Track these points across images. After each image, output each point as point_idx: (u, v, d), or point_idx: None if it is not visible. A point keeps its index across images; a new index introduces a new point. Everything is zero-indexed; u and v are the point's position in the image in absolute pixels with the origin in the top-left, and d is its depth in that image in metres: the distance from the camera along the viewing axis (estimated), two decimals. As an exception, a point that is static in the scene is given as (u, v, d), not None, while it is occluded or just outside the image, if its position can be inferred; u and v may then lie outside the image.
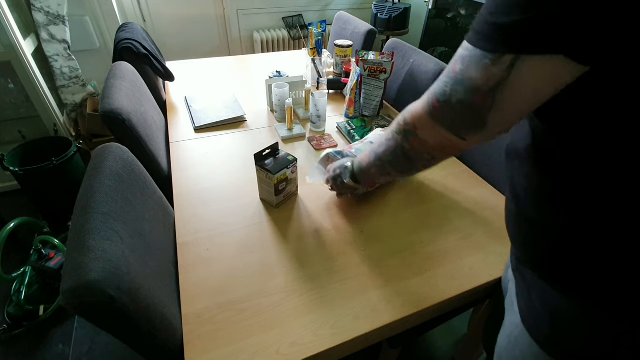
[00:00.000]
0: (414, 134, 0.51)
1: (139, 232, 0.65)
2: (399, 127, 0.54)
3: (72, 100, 1.99)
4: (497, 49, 0.36)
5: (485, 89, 0.39)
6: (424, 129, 0.49)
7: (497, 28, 0.36)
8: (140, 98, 1.18)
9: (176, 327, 0.63)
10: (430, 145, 0.50)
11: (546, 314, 0.49)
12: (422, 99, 0.49)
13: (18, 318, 1.30)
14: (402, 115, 0.54)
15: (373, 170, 0.65)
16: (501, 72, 0.37)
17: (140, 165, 0.80)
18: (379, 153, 0.61)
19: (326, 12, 2.77)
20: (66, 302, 0.46)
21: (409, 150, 0.53)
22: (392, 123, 0.57)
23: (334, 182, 0.83)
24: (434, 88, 0.46)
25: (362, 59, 1.24)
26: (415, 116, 0.49)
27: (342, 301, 0.69)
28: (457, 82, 0.41)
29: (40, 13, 1.75)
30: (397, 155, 0.56)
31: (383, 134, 0.61)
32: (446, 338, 1.33)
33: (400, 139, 0.54)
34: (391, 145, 0.57)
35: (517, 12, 0.33)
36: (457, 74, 0.41)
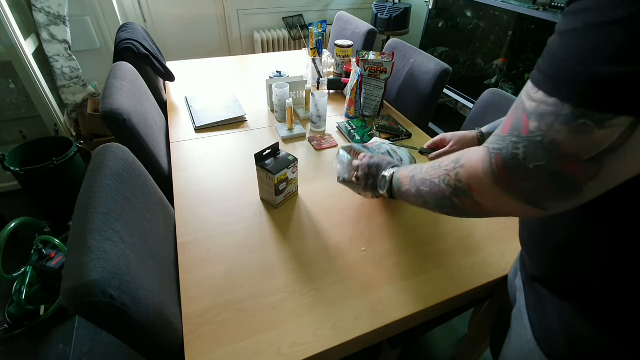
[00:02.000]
0: (469, 196, 0.42)
1: (140, 232, 0.65)
2: (448, 179, 0.45)
3: (72, 100, 2.00)
4: (607, 108, 0.28)
5: (584, 158, 0.30)
6: (484, 194, 0.40)
7: (604, 81, 0.27)
8: (141, 98, 1.19)
9: (176, 327, 0.63)
10: (490, 210, 0.41)
11: (565, 333, 0.47)
12: (478, 153, 0.40)
13: (19, 318, 1.30)
14: (452, 161, 0.45)
15: (412, 199, 0.57)
16: (612, 138, 0.28)
17: (140, 165, 0.80)
18: (422, 191, 0.52)
19: (326, 12, 2.77)
20: (67, 302, 0.46)
21: (459, 206, 0.45)
22: (439, 164, 0.48)
23: (365, 181, 0.74)
24: (496, 146, 0.37)
25: (363, 59, 1.24)
26: (472, 177, 0.40)
27: (342, 301, 0.69)
28: (535, 146, 0.32)
29: (41, 13, 1.75)
30: (444, 205, 0.47)
31: (425, 167, 0.53)
32: (446, 338, 1.33)
33: (449, 192, 0.45)
34: (436, 192, 0.48)
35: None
36: (533, 136, 0.32)
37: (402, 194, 0.60)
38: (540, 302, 0.51)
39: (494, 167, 0.37)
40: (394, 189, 0.63)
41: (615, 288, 0.41)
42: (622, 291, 0.40)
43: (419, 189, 0.53)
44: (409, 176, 0.58)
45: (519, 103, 0.35)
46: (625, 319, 0.41)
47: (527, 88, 0.35)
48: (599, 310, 0.43)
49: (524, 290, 0.57)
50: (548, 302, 0.49)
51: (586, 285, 0.44)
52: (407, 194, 0.58)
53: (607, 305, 0.42)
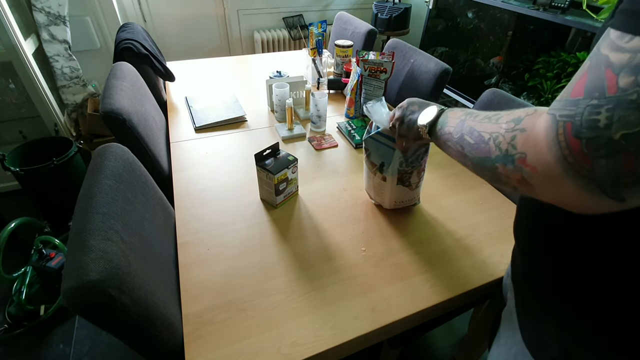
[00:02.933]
0: (518, 169, 0.34)
1: (140, 232, 0.65)
2: (501, 140, 0.37)
3: (72, 100, 2.00)
4: None
5: None
6: (539, 173, 0.32)
7: None
8: (141, 98, 1.19)
9: (176, 327, 0.63)
10: (539, 194, 0.34)
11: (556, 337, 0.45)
12: (542, 119, 0.32)
13: (19, 318, 1.30)
14: (513, 119, 0.37)
15: (450, 146, 0.50)
16: None
17: (140, 165, 0.81)
18: (465, 141, 0.45)
19: (326, 12, 2.77)
20: (67, 301, 0.46)
21: (501, 176, 0.38)
22: (498, 116, 0.41)
23: (402, 119, 0.66)
24: (564, 112, 0.29)
25: (363, 59, 1.24)
26: (531, 147, 0.33)
27: (342, 301, 0.69)
28: (626, 106, 0.26)
29: (41, 13, 1.75)
30: (485, 167, 0.41)
31: (481, 116, 0.45)
32: (446, 338, 1.33)
33: (495, 155, 0.38)
34: (482, 149, 0.41)
35: None
36: (626, 94, 0.26)
37: (442, 135, 0.52)
38: (530, 302, 0.50)
39: (562, 138, 0.29)
40: (437, 126, 0.55)
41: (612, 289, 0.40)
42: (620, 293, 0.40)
43: (463, 137, 0.45)
44: (459, 118, 0.49)
45: (597, 60, 0.28)
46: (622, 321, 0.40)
47: (610, 39, 0.28)
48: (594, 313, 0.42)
49: (513, 289, 0.56)
50: (538, 302, 0.48)
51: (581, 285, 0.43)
52: (447, 137, 0.50)
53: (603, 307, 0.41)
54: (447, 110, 0.56)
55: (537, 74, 1.87)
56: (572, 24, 1.52)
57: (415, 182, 0.83)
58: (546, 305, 0.47)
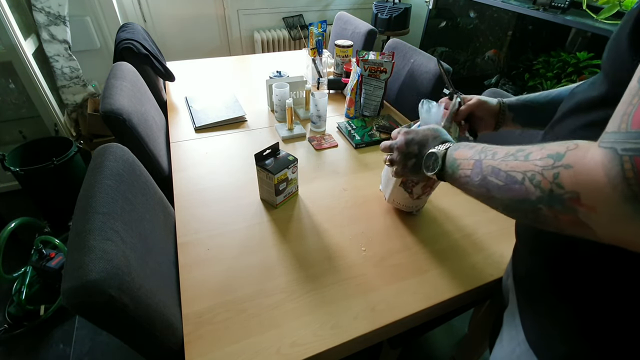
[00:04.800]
0: (571, 210, 0.31)
1: (140, 232, 0.65)
2: (540, 179, 0.33)
3: (72, 100, 2.00)
4: None
5: None
6: (600, 214, 0.29)
7: None
8: (141, 98, 1.19)
9: (176, 327, 0.63)
10: (600, 236, 0.30)
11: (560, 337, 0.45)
12: (595, 153, 0.29)
13: (19, 318, 1.30)
14: (548, 155, 0.34)
15: (472, 189, 0.45)
16: None
17: (140, 165, 0.81)
18: (491, 183, 0.41)
19: (326, 12, 2.77)
20: (67, 302, 0.46)
21: (548, 219, 0.34)
22: (524, 153, 0.37)
23: (403, 163, 0.61)
24: (629, 145, 0.27)
25: (363, 59, 1.24)
26: (586, 186, 0.29)
27: (342, 301, 0.69)
28: None
29: (41, 13, 1.75)
30: (524, 209, 0.36)
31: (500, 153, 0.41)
32: (446, 338, 1.33)
33: (536, 196, 0.34)
34: (516, 190, 0.36)
35: None
36: None
37: (458, 179, 0.48)
38: (533, 301, 0.50)
39: (631, 175, 0.26)
40: (446, 171, 0.50)
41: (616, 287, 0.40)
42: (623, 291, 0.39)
43: (486, 179, 0.41)
44: (471, 159, 0.45)
45: None
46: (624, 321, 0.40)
47: None
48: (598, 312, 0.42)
49: (515, 290, 0.56)
50: (541, 301, 0.48)
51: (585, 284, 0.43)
52: (464, 180, 0.46)
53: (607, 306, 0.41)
54: (450, 148, 0.51)
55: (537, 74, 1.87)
56: (572, 24, 1.52)
57: (417, 193, 0.82)
58: (549, 305, 0.47)
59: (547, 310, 0.47)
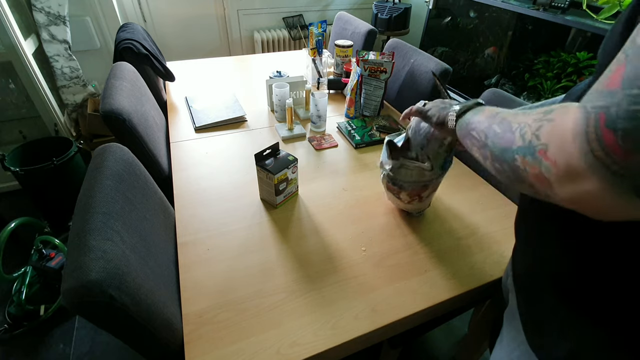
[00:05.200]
0: (537, 162, 0.32)
1: (140, 232, 0.65)
2: (526, 130, 0.35)
3: (72, 100, 2.00)
4: None
5: None
6: (560, 168, 0.30)
7: None
8: (141, 98, 1.19)
9: (176, 327, 0.63)
10: (558, 195, 0.31)
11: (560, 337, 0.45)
12: (572, 110, 0.30)
13: (19, 318, 1.30)
14: (544, 110, 0.34)
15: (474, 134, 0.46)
16: None
17: (140, 165, 0.81)
18: (492, 130, 0.41)
19: (326, 12, 2.77)
20: (67, 301, 0.46)
21: (519, 170, 0.35)
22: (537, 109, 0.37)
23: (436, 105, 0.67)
24: (598, 103, 0.27)
25: (363, 59, 1.24)
26: (555, 137, 0.30)
27: (342, 301, 0.69)
28: None
29: (41, 13, 1.75)
30: (504, 159, 0.38)
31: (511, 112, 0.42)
32: (446, 338, 1.33)
33: (517, 145, 0.35)
34: (505, 138, 0.38)
35: None
36: None
37: (470, 123, 0.49)
38: (532, 302, 0.49)
39: (592, 129, 0.27)
40: (468, 114, 0.52)
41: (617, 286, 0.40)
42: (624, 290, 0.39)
43: (491, 126, 0.42)
44: (496, 110, 0.46)
45: (637, 50, 0.26)
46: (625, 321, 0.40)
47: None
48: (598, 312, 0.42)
49: (514, 290, 0.56)
50: (541, 302, 0.48)
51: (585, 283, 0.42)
52: (474, 125, 0.47)
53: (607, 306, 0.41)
54: (476, 106, 0.54)
55: (537, 74, 1.87)
56: (572, 24, 1.52)
57: (405, 199, 0.83)
58: (549, 306, 0.47)
59: (547, 310, 0.47)
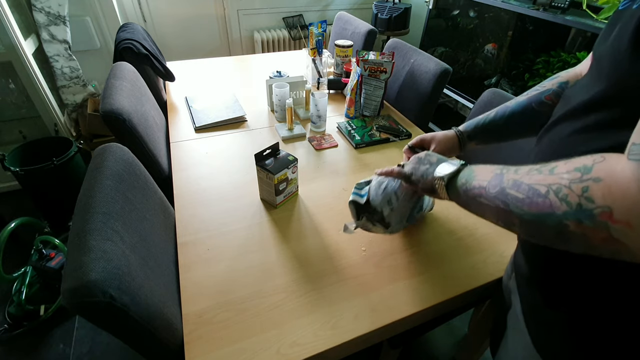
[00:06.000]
0: (602, 226, 0.29)
1: (140, 232, 0.65)
2: (567, 192, 0.32)
3: (72, 100, 2.00)
4: None
5: None
6: (637, 229, 0.27)
7: None
8: (141, 98, 1.19)
9: (176, 327, 0.63)
10: (632, 251, 0.29)
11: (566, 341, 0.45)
12: (626, 166, 0.28)
13: (19, 318, 1.30)
14: (575, 168, 0.32)
15: (484, 203, 0.42)
16: None
17: (140, 165, 0.81)
18: (509, 195, 0.38)
19: (326, 12, 2.77)
20: (67, 301, 0.46)
21: (577, 236, 0.32)
22: (549, 167, 0.36)
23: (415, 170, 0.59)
24: None
25: (363, 59, 1.24)
26: (622, 201, 0.28)
27: (342, 301, 0.69)
28: None
29: (41, 13, 1.75)
30: (543, 225, 0.34)
31: (523, 168, 0.39)
32: (446, 338, 1.33)
33: (563, 210, 0.32)
34: (539, 204, 0.35)
35: None
36: None
37: (469, 190, 0.45)
38: (537, 305, 0.49)
39: None
40: (457, 180, 0.48)
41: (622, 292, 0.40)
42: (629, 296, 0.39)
43: (505, 191, 0.39)
44: (492, 171, 0.43)
45: None
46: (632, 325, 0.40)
47: None
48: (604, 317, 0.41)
49: (518, 293, 0.56)
50: (546, 306, 0.48)
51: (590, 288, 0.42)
52: (477, 192, 0.43)
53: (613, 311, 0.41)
54: (466, 166, 0.50)
55: (537, 74, 1.86)
56: (572, 24, 1.52)
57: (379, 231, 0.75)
58: (555, 309, 0.46)
59: (553, 314, 0.47)
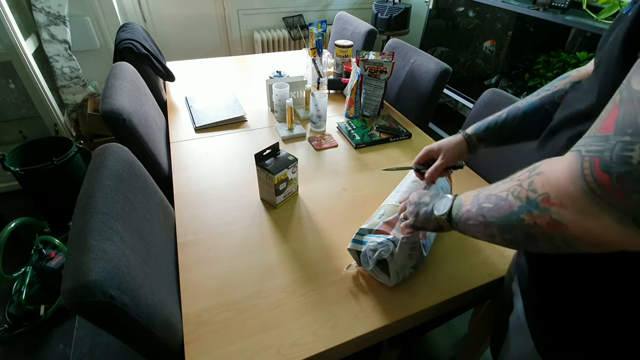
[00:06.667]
0: (545, 211, 0.34)
1: (140, 232, 0.65)
2: (519, 190, 0.37)
3: (72, 100, 2.00)
4: None
5: None
6: (568, 209, 0.31)
7: None
8: (141, 98, 1.19)
9: (176, 327, 0.63)
10: (574, 233, 0.32)
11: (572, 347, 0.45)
12: (563, 158, 0.33)
13: (19, 318, 1.30)
14: (527, 170, 0.38)
15: (472, 223, 0.46)
16: None
17: (140, 165, 0.80)
18: (484, 208, 0.43)
19: (326, 12, 2.77)
20: (67, 301, 0.46)
21: (531, 226, 0.36)
22: (513, 176, 0.41)
23: (415, 213, 0.61)
24: (592, 147, 0.30)
25: (363, 59, 1.24)
26: (553, 185, 0.33)
27: (342, 301, 0.69)
28: None
29: (41, 13, 1.75)
30: (511, 224, 0.38)
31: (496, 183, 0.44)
32: (446, 338, 1.33)
33: (517, 206, 0.37)
34: (502, 207, 0.39)
35: None
36: None
37: (461, 216, 0.49)
38: (541, 310, 0.49)
39: (588, 172, 0.29)
40: (453, 211, 0.52)
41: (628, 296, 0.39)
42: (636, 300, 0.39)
43: (481, 206, 0.43)
44: (472, 195, 0.48)
45: (629, 95, 0.29)
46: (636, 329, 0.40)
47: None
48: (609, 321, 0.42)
49: (521, 295, 0.56)
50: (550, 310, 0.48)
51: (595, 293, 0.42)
52: (466, 215, 0.47)
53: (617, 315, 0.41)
54: (458, 195, 0.54)
55: (537, 74, 1.86)
56: (572, 24, 1.52)
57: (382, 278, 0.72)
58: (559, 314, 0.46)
59: (557, 319, 0.47)
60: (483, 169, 1.07)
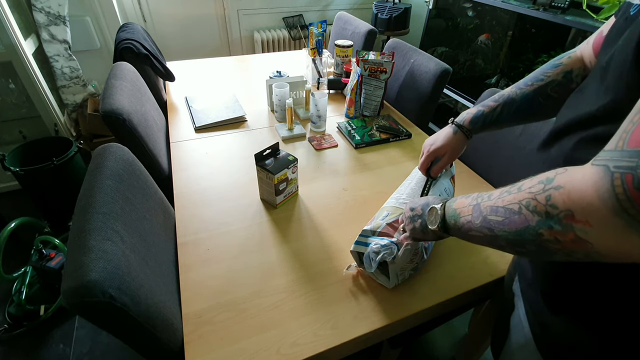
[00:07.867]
0: (568, 228, 0.32)
1: (140, 232, 0.65)
2: (535, 204, 0.35)
3: (72, 100, 2.00)
4: None
5: None
6: (595, 227, 0.30)
7: None
8: (141, 98, 1.19)
9: (176, 327, 0.63)
10: (601, 251, 0.31)
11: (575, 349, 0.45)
12: (585, 173, 0.31)
13: (19, 318, 1.30)
14: (539, 182, 0.36)
15: (475, 234, 0.45)
16: None
17: (140, 165, 0.81)
18: (491, 222, 0.41)
19: (326, 12, 2.77)
20: (67, 301, 0.46)
21: (550, 241, 0.34)
22: (517, 186, 0.39)
23: (412, 225, 0.61)
24: (621, 163, 0.28)
25: (363, 59, 1.24)
26: (577, 202, 0.31)
27: (342, 301, 0.69)
28: None
29: (41, 13, 1.75)
30: (526, 239, 0.37)
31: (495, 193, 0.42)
32: (446, 338, 1.32)
33: (535, 221, 0.35)
34: (515, 221, 0.38)
35: None
36: None
37: (461, 227, 0.48)
38: (544, 314, 0.49)
39: (620, 190, 0.28)
40: (448, 222, 0.51)
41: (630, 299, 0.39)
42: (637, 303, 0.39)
43: (487, 219, 0.42)
44: (469, 205, 0.46)
45: None
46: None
47: None
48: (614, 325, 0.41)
49: (522, 297, 0.56)
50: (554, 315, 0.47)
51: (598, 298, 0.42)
52: (467, 227, 0.46)
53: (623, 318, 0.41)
54: (447, 202, 0.53)
55: (537, 74, 1.86)
56: (572, 24, 1.52)
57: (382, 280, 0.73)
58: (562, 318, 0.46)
59: (558, 320, 0.47)
60: (483, 168, 1.07)
